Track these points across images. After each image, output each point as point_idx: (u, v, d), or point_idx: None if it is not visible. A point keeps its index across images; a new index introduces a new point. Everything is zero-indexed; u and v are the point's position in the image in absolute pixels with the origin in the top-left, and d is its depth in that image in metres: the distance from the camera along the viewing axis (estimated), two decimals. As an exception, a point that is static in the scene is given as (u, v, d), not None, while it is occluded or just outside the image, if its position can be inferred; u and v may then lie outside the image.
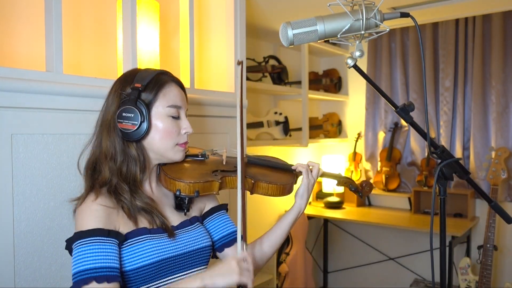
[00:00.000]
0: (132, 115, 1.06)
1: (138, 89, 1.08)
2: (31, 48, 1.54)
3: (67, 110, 1.36)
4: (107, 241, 0.98)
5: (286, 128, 3.18)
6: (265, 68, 3.04)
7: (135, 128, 1.06)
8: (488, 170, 2.86)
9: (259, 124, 3.03)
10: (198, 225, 1.20)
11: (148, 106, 1.09)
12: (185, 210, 1.18)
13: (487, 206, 2.90)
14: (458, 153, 3.17)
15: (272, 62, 3.16)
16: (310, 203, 3.72)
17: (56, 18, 1.34)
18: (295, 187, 1.29)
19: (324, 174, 1.36)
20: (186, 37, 1.85)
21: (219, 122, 1.96)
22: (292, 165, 1.33)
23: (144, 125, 1.07)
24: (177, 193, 1.10)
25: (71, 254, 1.00)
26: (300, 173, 1.30)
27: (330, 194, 3.57)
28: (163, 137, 1.10)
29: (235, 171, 1.17)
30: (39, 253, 1.31)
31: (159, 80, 1.12)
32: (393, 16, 1.02)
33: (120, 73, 1.67)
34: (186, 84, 1.87)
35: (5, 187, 1.22)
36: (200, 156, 1.23)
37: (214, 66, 2.12)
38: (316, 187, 3.76)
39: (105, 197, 1.04)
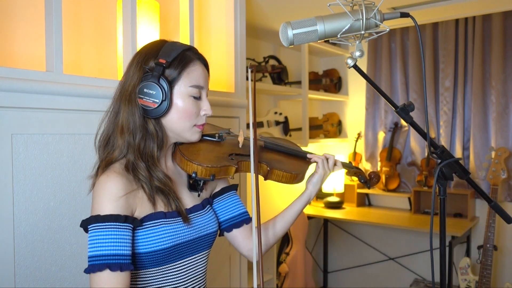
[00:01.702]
0: (154, 92, 1.03)
1: (162, 65, 1.04)
2: (31, 48, 1.54)
3: (67, 110, 1.36)
4: (123, 227, 0.97)
5: (286, 128, 3.18)
6: (265, 68, 3.03)
7: (156, 106, 1.03)
8: (488, 170, 2.86)
9: (259, 124, 3.03)
10: (209, 209, 1.20)
11: (171, 83, 1.05)
12: (199, 192, 1.17)
13: (487, 206, 2.90)
14: (458, 153, 3.17)
15: (272, 62, 3.16)
16: (310, 203, 3.72)
17: (56, 18, 1.34)
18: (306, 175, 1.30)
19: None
20: (186, 37, 1.85)
21: (219, 122, 1.96)
22: (307, 153, 1.32)
23: (165, 103, 1.04)
24: (193, 175, 1.08)
25: (86, 231, 1.00)
26: (314, 161, 1.30)
27: (330, 194, 3.57)
28: (181, 117, 1.07)
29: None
30: (39, 253, 1.31)
31: (184, 57, 1.08)
32: (393, 16, 1.02)
33: (120, 73, 1.67)
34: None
35: (5, 187, 1.22)
36: (217, 138, 1.20)
37: (214, 66, 2.12)
38: (316, 187, 3.75)
39: (122, 177, 1.00)
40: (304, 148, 1.47)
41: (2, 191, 1.22)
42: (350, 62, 1.04)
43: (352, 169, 1.42)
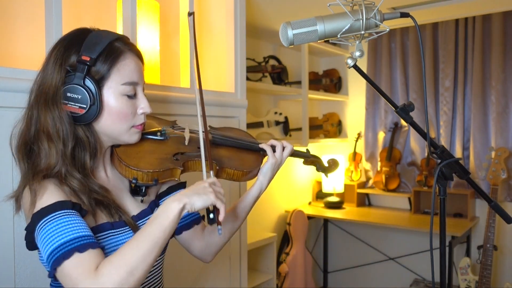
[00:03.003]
0: (79, 97, 0.90)
1: (86, 62, 0.90)
2: (31, 48, 1.54)
3: (67, 110, 1.36)
4: (74, 213, 0.85)
5: (286, 128, 3.18)
6: (265, 68, 3.04)
7: (83, 112, 0.91)
8: (488, 170, 2.86)
9: (259, 124, 3.03)
10: None
11: (99, 83, 0.92)
12: (142, 198, 1.06)
13: (487, 206, 2.90)
14: (458, 153, 3.17)
15: (272, 62, 3.16)
16: (310, 203, 3.72)
17: (56, 18, 1.34)
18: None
19: (294, 153, 1.30)
20: (186, 37, 1.85)
21: (218, 122, 1.96)
22: (260, 143, 1.24)
23: (94, 108, 0.91)
24: (133, 181, 0.99)
25: (29, 248, 0.89)
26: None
27: (330, 194, 3.57)
28: (116, 120, 0.95)
29: (199, 154, 1.09)
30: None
31: (113, 50, 0.94)
32: (393, 16, 1.02)
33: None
34: (186, 84, 1.87)
35: (5, 187, 1.22)
36: (159, 136, 1.09)
37: (214, 66, 2.12)
38: (316, 187, 3.76)
39: (60, 186, 0.89)
40: (303, 148, 1.45)
41: (2, 191, 1.22)
42: (350, 62, 1.04)
43: (308, 158, 1.36)
